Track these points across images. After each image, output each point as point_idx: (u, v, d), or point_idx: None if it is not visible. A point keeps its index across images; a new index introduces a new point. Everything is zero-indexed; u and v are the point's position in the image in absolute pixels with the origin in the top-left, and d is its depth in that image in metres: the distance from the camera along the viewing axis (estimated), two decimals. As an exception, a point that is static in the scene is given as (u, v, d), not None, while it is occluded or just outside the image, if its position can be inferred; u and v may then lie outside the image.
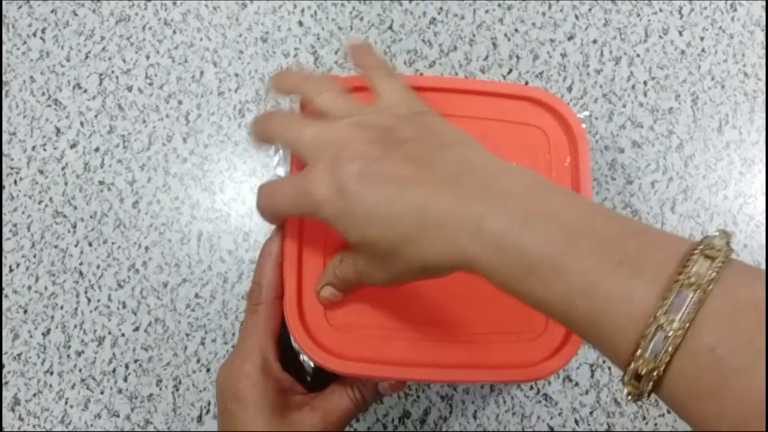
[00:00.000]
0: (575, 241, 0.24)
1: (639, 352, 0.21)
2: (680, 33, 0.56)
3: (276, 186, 0.32)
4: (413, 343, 0.36)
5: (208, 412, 0.48)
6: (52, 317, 0.49)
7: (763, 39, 0.56)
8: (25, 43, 0.54)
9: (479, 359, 0.36)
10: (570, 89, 0.54)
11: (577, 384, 0.49)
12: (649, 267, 0.22)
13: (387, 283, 0.30)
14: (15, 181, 0.51)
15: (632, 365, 0.22)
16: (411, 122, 0.31)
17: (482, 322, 0.37)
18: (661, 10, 0.56)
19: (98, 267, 0.50)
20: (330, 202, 0.28)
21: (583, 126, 0.39)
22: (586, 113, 0.53)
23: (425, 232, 0.26)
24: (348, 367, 0.35)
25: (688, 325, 0.21)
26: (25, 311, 0.49)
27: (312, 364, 0.40)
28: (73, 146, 0.52)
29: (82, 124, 0.52)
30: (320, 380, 0.38)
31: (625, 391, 0.23)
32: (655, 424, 0.48)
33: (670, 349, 0.21)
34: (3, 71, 0.53)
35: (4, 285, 0.49)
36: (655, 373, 0.21)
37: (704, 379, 0.21)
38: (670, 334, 0.21)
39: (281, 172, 0.49)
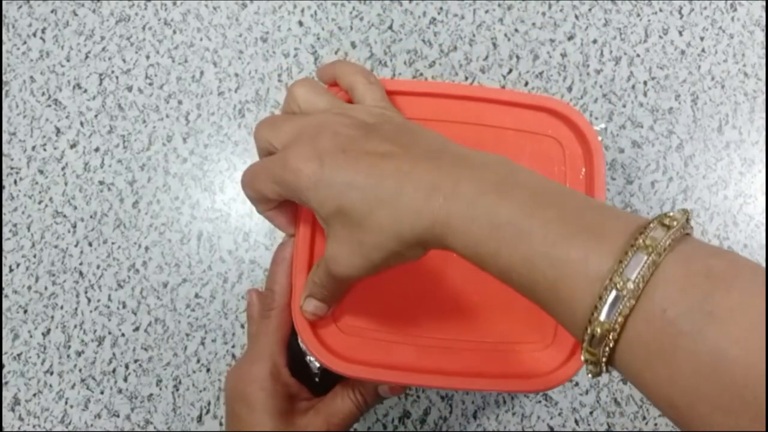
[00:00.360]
0: (542, 208, 0.24)
1: (595, 314, 0.22)
2: (680, 33, 0.56)
3: (257, 163, 0.32)
4: (421, 349, 0.36)
5: (208, 412, 0.48)
6: (52, 317, 0.49)
7: (763, 39, 0.56)
8: (25, 43, 0.54)
9: (486, 368, 0.36)
10: (570, 89, 0.54)
11: (577, 384, 0.49)
12: (609, 234, 0.23)
13: (359, 269, 0.29)
14: (15, 181, 0.51)
15: (588, 329, 0.22)
16: (390, 121, 0.31)
17: (491, 331, 0.37)
18: (661, 10, 0.56)
19: (98, 267, 0.50)
20: (308, 171, 0.28)
21: (600, 139, 0.39)
22: (602, 126, 0.53)
23: (401, 196, 0.26)
24: (354, 370, 0.35)
25: (642, 286, 0.21)
26: (25, 311, 0.49)
27: (317, 365, 0.40)
28: (73, 146, 0.52)
29: (82, 124, 0.52)
30: (326, 381, 0.39)
31: (582, 359, 0.23)
32: (655, 424, 0.48)
33: (624, 310, 0.21)
34: (3, 71, 0.53)
35: (4, 285, 0.49)
36: (610, 336, 0.22)
37: (656, 343, 0.21)
38: (624, 295, 0.21)
39: None
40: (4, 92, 0.53)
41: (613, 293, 0.21)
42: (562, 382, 0.36)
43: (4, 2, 0.54)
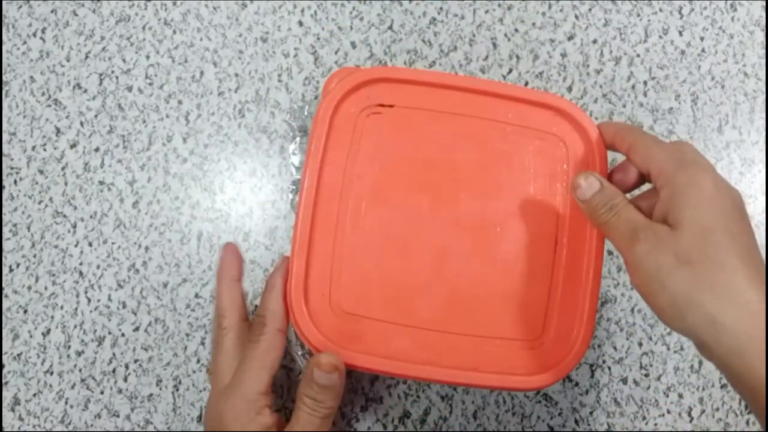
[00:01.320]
0: None
1: None
2: (680, 33, 0.56)
3: None
4: (418, 340, 0.36)
5: (208, 412, 0.48)
6: (52, 317, 0.49)
7: (763, 39, 0.56)
8: (25, 43, 0.54)
9: (482, 363, 0.36)
10: (570, 89, 0.54)
11: (577, 384, 0.49)
12: None
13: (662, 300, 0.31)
14: (15, 181, 0.51)
15: None
16: None
17: (488, 325, 0.37)
18: (661, 10, 0.56)
19: (98, 267, 0.50)
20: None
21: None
22: None
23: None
24: (351, 358, 0.35)
25: None
26: (25, 311, 0.49)
27: (304, 362, 0.40)
28: (73, 146, 0.52)
29: (82, 124, 0.52)
30: None
31: None
32: (655, 424, 0.48)
33: None
34: (3, 71, 0.53)
35: (4, 285, 0.49)
36: None
37: None
38: None
39: (296, 161, 0.50)
40: (4, 92, 0.53)
41: None
42: (553, 383, 0.36)
43: (4, 2, 0.54)
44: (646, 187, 0.38)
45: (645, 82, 0.54)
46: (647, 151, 0.35)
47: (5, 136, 0.52)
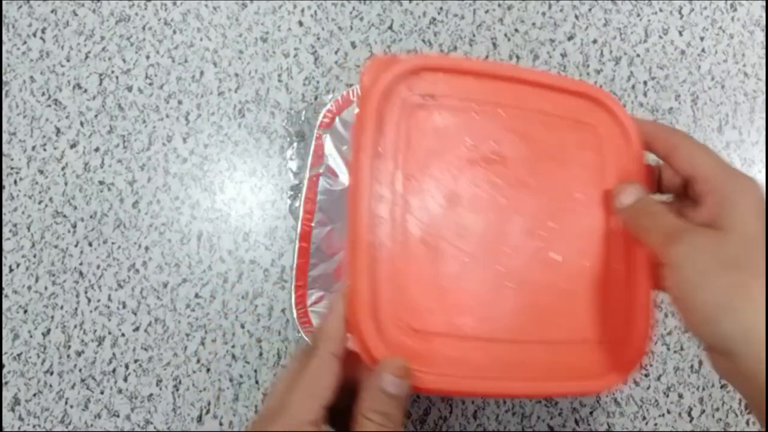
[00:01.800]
0: None
1: None
2: (680, 33, 0.56)
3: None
4: (489, 353, 0.33)
5: (208, 412, 0.48)
6: (52, 317, 0.49)
7: (763, 39, 0.56)
8: (25, 43, 0.54)
9: (554, 371, 0.34)
10: (570, 89, 0.54)
11: (577, 384, 0.49)
12: None
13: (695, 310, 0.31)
14: (15, 181, 0.51)
15: None
16: None
17: (557, 330, 0.35)
18: (661, 10, 0.56)
19: (98, 267, 0.50)
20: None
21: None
22: None
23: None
24: (427, 382, 0.31)
25: None
26: (25, 311, 0.49)
27: None
28: (73, 146, 0.52)
29: (82, 124, 0.52)
30: None
31: None
32: (655, 424, 0.48)
33: None
34: (3, 71, 0.53)
35: (4, 285, 0.49)
36: None
37: None
38: None
39: (293, 166, 0.50)
40: (4, 92, 0.53)
41: None
42: (626, 378, 0.34)
43: (4, 2, 0.54)
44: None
45: (645, 82, 0.54)
46: (693, 155, 0.34)
47: (5, 136, 0.52)
